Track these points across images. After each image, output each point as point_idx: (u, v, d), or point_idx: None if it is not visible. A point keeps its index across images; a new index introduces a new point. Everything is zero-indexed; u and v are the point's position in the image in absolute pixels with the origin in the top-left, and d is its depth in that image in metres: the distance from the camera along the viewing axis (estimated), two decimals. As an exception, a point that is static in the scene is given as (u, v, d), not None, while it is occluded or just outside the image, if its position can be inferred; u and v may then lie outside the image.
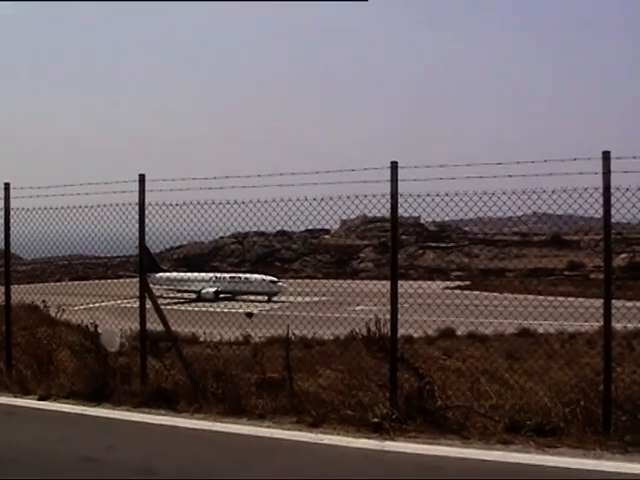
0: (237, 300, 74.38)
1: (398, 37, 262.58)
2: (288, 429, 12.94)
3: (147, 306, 15.70)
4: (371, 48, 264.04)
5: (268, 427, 13.10)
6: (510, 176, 12.62)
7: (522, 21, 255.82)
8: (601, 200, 12.13)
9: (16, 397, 15.92)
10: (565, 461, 10.85)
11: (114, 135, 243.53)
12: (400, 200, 13.34)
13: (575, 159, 12.26)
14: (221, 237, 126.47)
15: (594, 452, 11.16)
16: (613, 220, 12.27)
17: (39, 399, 15.64)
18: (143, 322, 15.68)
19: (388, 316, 13.48)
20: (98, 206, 16.26)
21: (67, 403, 15.26)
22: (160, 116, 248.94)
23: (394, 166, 13.17)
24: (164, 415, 14.12)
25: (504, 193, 12.94)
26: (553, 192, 12.62)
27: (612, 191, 12.07)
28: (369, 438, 12.22)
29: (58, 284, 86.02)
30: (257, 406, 13.93)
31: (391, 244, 14.10)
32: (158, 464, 11.24)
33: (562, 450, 11.31)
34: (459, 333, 40.91)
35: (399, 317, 13.43)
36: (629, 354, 20.21)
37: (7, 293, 17.74)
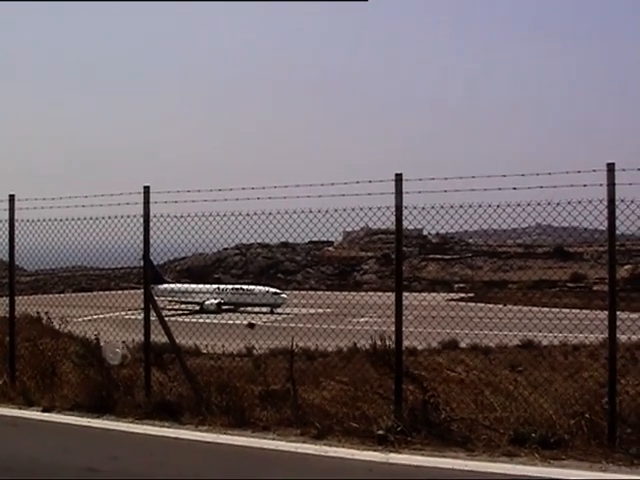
0: (240, 312, 74.36)
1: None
2: (292, 441, 12.89)
3: (151, 318, 15.68)
4: (386, 60, 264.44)
5: (273, 439, 13.06)
6: (515, 188, 12.63)
7: (529, 32, 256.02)
8: (606, 212, 12.11)
9: (20, 409, 15.89)
10: (570, 473, 10.81)
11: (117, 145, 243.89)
12: (404, 212, 13.32)
13: (580, 171, 12.28)
14: (224, 248, 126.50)
15: (599, 465, 11.12)
16: (617, 232, 12.25)
17: (43, 411, 15.61)
18: (147, 334, 15.66)
19: (392, 328, 13.45)
20: (103, 218, 16.25)
21: (71, 415, 15.24)
22: (162, 126, 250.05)
23: (399, 178, 13.16)
24: (168, 427, 14.06)
25: (509, 205, 12.93)
26: (558, 204, 12.60)
27: (617, 203, 12.04)
28: (374, 450, 12.17)
29: (61, 295, 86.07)
30: (261, 418, 13.89)
31: (395, 256, 14.12)
32: (161, 476, 11.25)
33: (567, 462, 11.26)
34: (463, 345, 40.95)
35: (403, 329, 13.40)
36: (633, 366, 20.17)
37: (11, 304, 17.74)
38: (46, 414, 15.43)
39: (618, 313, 12.37)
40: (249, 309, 77.70)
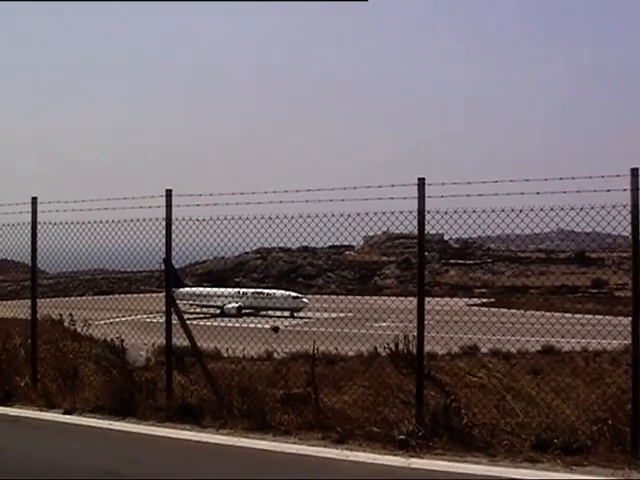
0: (262, 316, 74.28)
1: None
2: (314, 445, 12.85)
3: (173, 321, 15.68)
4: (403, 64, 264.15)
5: (294, 443, 13.01)
6: (538, 193, 12.56)
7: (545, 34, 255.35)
8: (629, 217, 12.02)
9: (42, 411, 15.91)
10: (593, 480, 10.77)
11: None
12: (426, 217, 13.27)
13: (603, 176, 12.18)
14: (245, 252, 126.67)
15: (622, 471, 11.03)
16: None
17: (64, 413, 15.64)
18: (169, 337, 15.66)
19: (414, 333, 13.40)
20: (125, 221, 16.25)
21: (92, 417, 15.24)
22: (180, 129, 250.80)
23: (421, 183, 13.11)
24: (189, 430, 14.06)
25: (532, 210, 12.85)
26: (581, 209, 12.51)
27: (640, 208, 11.95)
28: (395, 455, 12.12)
29: (82, 298, 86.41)
30: (282, 422, 13.84)
31: (418, 261, 14.06)
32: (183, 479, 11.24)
33: (590, 469, 11.19)
34: (484, 350, 40.78)
35: (425, 334, 13.35)
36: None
37: (33, 307, 17.79)
38: (67, 416, 15.46)
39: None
40: (270, 313, 77.61)
